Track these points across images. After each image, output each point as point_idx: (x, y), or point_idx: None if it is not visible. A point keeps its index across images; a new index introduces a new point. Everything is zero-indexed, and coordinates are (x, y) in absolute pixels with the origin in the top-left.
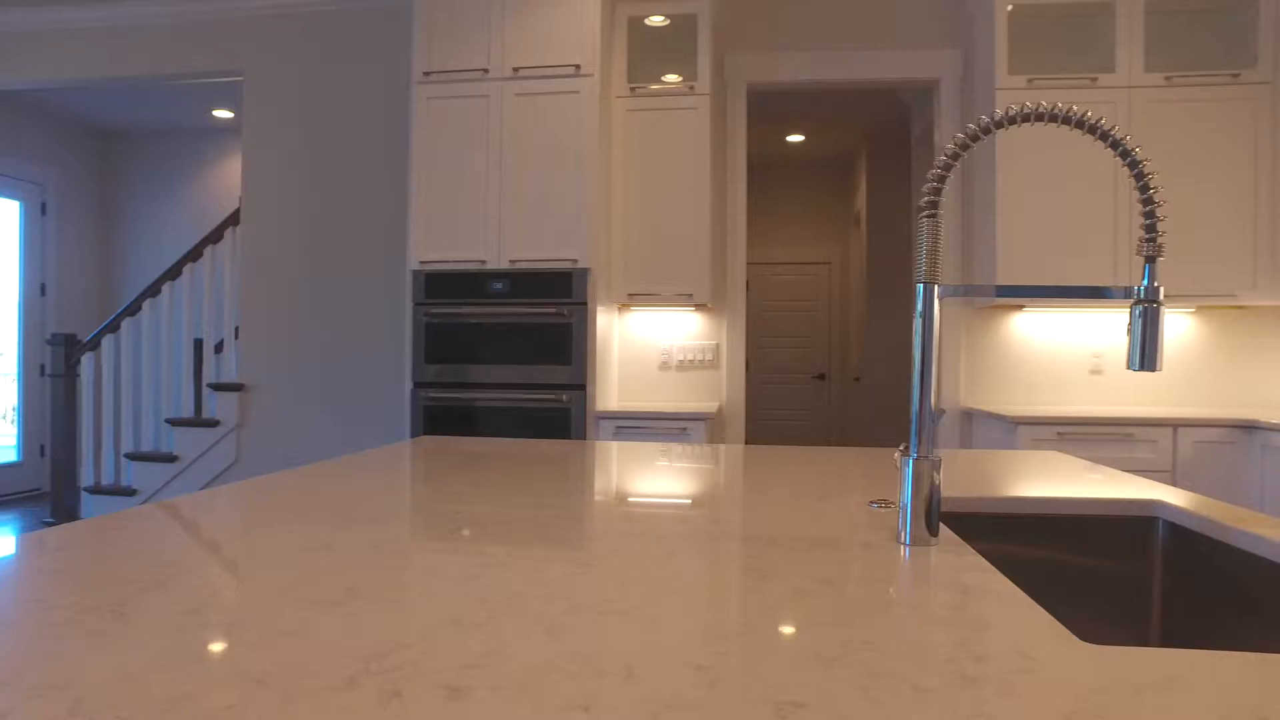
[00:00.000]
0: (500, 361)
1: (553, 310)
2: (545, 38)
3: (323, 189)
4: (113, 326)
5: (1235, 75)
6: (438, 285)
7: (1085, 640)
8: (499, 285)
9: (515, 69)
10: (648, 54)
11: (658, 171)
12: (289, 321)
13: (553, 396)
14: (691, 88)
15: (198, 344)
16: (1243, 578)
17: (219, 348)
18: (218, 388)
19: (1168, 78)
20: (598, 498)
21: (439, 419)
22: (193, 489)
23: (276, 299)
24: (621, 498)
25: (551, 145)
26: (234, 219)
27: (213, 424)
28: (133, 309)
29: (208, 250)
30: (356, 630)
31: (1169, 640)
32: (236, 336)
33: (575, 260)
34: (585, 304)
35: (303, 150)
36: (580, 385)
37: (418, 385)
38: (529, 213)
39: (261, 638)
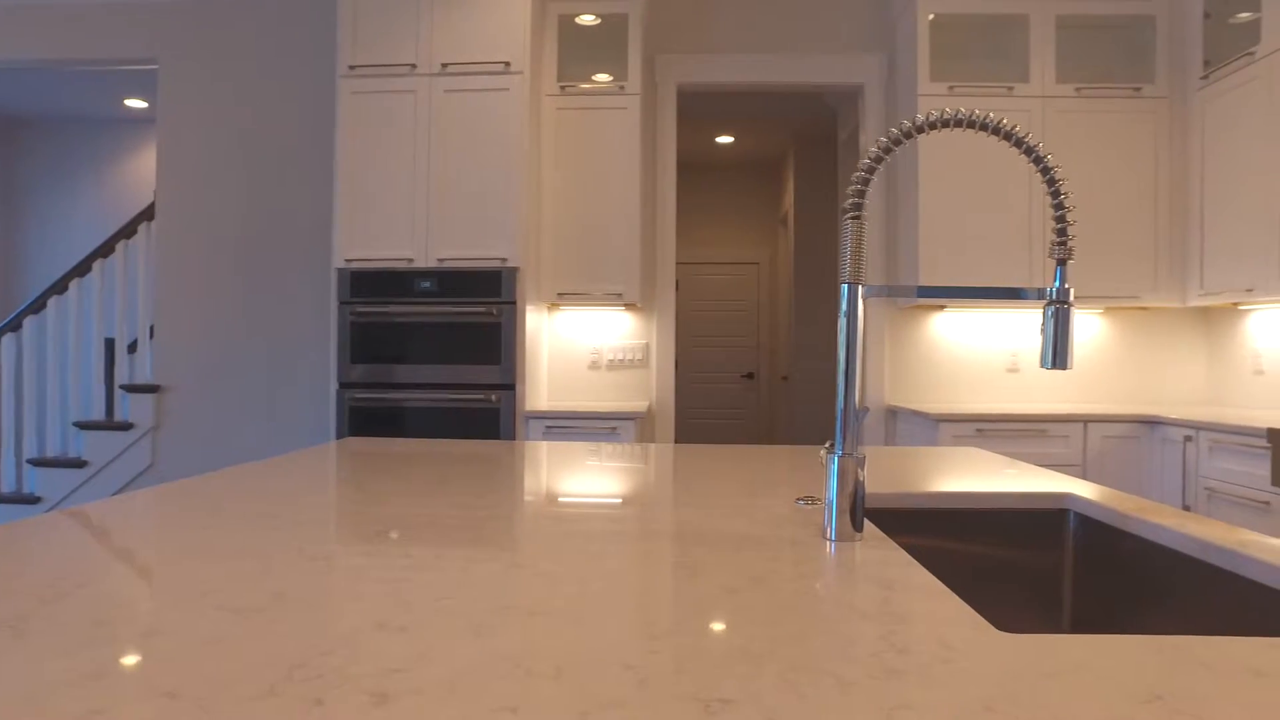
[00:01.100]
0: (428, 361)
1: (481, 309)
2: (475, 34)
3: (243, 183)
4: (14, 324)
5: (1137, 89)
6: (364, 284)
7: (1002, 629)
8: (427, 284)
9: (444, 64)
10: (578, 53)
11: (587, 171)
12: (208, 320)
13: (481, 396)
14: (622, 87)
15: (109, 343)
16: (1144, 564)
17: (132, 347)
18: (131, 389)
19: (1077, 89)
20: (527, 498)
21: (365, 420)
22: (103, 496)
23: (194, 296)
24: (551, 498)
25: (480, 142)
26: (149, 213)
27: (126, 427)
28: (36, 306)
29: (120, 245)
30: (278, 637)
31: (1079, 626)
32: (151, 336)
33: (504, 259)
34: (514, 303)
35: (222, 143)
36: (509, 385)
37: (343, 386)
38: (457, 210)
39: (177, 648)
